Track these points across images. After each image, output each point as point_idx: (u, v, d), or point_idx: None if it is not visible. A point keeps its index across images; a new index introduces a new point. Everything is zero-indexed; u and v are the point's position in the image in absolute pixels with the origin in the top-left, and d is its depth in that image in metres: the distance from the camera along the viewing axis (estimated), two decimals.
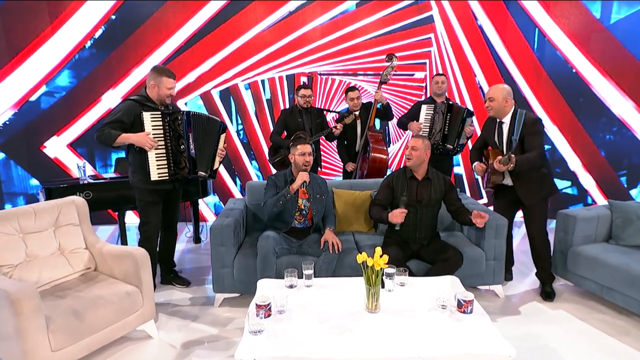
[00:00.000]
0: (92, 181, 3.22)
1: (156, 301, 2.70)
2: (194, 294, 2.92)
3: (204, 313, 2.65)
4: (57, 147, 4.64)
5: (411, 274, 2.34)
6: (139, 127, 2.56)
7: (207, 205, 4.96)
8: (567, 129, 4.79)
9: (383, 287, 2.06)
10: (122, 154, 4.47)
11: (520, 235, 4.19)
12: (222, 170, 4.91)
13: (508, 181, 2.74)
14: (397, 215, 2.44)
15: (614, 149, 4.76)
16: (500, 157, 2.55)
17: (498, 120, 2.73)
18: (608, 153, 4.78)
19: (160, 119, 2.58)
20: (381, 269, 1.80)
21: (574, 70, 4.66)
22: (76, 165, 3.33)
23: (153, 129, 2.57)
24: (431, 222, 2.65)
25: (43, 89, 4.52)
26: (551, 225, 3.10)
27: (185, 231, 4.17)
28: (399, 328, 1.74)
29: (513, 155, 2.43)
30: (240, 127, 4.92)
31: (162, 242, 2.94)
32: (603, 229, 2.81)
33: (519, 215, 2.96)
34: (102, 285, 2.20)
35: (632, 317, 2.53)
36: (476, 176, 4.93)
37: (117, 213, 3.36)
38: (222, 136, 2.77)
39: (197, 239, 4.06)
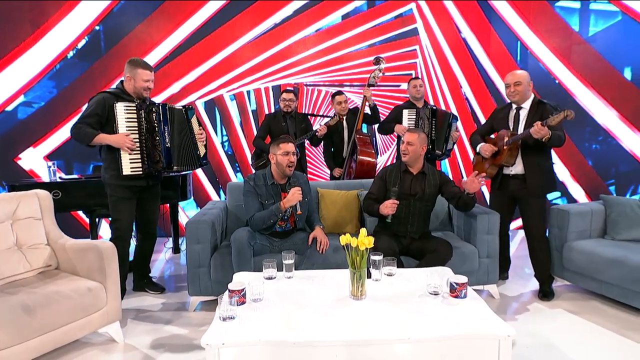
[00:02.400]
0: (61, 179, 3.05)
1: (126, 307, 2.49)
2: (168, 300, 2.70)
3: (177, 317, 2.43)
4: (32, 159, 4.46)
5: (400, 267, 2.18)
6: (112, 119, 2.44)
7: (187, 217, 4.75)
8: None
9: (369, 277, 1.90)
10: (100, 163, 4.36)
11: (517, 240, 4.07)
12: (206, 183, 4.76)
13: (517, 170, 2.65)
14: (388, 206, 2.34)
15: (600, 158, 4.76)
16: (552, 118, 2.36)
17: (515, 106, 2.68)
18: (595, 162, 4.77)
19: (135, 111, 2.46)
20: (366, 249, 1.65)
21: (557, 82, 4.72)
22: (45, 165, 3.16)
23: (127, 122, 2.44)
24: (423, 217, 2.52)
25: (21, 98, 4.40)
26: None
27: (166, 243, 3.97)
28: (386, 313, 1.57)
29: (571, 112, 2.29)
30: (225, 138, 4.82)
31: (138, 245, 2.75)
32: (598, 225, 2.71)
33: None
34: (61, 282, 2.00)
35: (634, 312, 2.41)
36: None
37: (89, 222, 3.17)
38: (193, 120, 2.64)
39: (176, 248, 3.85)
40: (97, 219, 3.19)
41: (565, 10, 4.57)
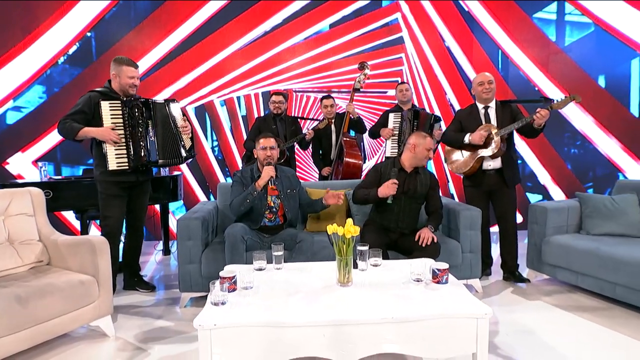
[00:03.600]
0: (52, 179, 3.08)
1: (116, 304, 2.51)
2: (158, 297, 2.73)
3: (168, 312, 2.46)
4: (21, 164, 4.46)
5: (386, 260, 2.26)
6: (98, 117, 2.50)
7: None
8: (534, 144, 4.96)
9: (356, 267, 1.97)
10: (90, 167, 4.38)
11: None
12: (196, 187, 4.80)
13: (495, 164, 2.84)
14: (389, 186, 2.38)
15: (579, 162, 4.94)
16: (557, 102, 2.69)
17: (482, 105, 2.91)
18: (574, 166, 4.95)
19: (120, 108, 2.52)
20: (352, 237, 1.73)
21: (536, 89, 4.91)
22: (38, 166, 3.18)
23: (112, 118, 2.50)
24: (413, 215, 2.61)
25: (10, 103, 4.41)
26: None
27: (156, 245, 3.99)
28: (371, 297, 1.65)
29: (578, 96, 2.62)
30: (216, 143, 4.88)
31: (126, 243, 2.78)
32: (574, 221, 2.85)
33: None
34: (53, 276, 2.03)
35: (607, 301, 2.54)
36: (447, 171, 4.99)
37: (79, 222, 3.19)
38: (176, 113, 2.68)
39: (166, 250, 3.87)
40: (87, 220, 3.19)
41: (542, 21, 4.79)
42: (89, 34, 4.51)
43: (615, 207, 2.71)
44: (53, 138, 4.48)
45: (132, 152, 2.52)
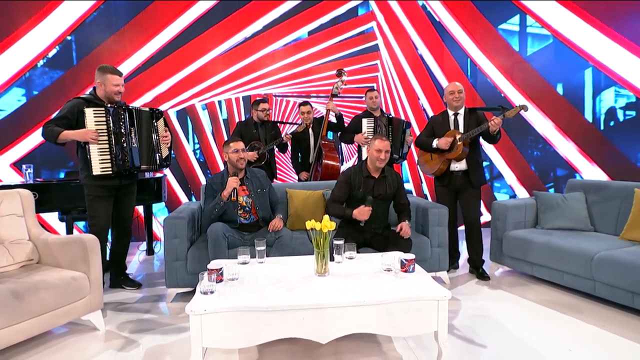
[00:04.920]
0: (37, 181, 3.14)
1: (105, 301, 2.59)
2: (145, 294, 2.84)
3: (156, 307, 2.59)
4: None
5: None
6: (83, 123, 2.59)
7: (159, 224, 4.85)
8: (501, 147, 5.29)
9: (332, 260, 2.16)
10: (71, 170, 4.41)
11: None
12: (178, 189, 4.89)
13: (461, 166, 3.08)
14: (365, 213, 2.55)
15: (541, 163, 5.29)
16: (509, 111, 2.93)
17: (452, 112, 3.15)
18: (537, 167, 5.30)
19: (104, 114, 2.61)
20: (329, 231, 1.91)
21: (502, 95, 5.24)
22: (23, 169, 3.23)
23: (96, 125, 2.59)
24: (384, 214, 2.81)
25: None
26: None
27: (139, 246, 4.07)
28: (346, 285, 1.84)
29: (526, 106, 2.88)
30: (197, 146, 4.99)
31: (114, 242, 2.87)
32: (531, 217, 3.13)
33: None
34: (45, 273, 2.13)
35: (558, 289, 2.82)
36: (420, 173, 5.27)
37: (65, 224, 3.26)
38: (160, 122, 2.81)
39: (150, 250, 3.96)
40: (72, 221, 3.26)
41: (507, 32, 5.13)
42: (69, 38, 4.55)
43: (566, 204, 3.01)
44: (32, 141, 4.49)
45: (114, 158, 2.61)
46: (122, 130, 2.63)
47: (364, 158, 3.79)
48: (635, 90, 4.41)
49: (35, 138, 4.50)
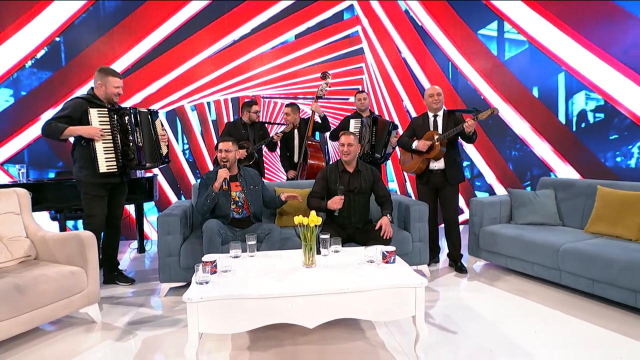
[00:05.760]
0: (31, 180, 3.21)
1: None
2: (138, 289, 2.94)
3: (150, 301, 2.69)
4: None
5: None
6: (86, 123, 2.69)
7: (150, 224, 4.93)
8: (481, 147, 5.52)
9: (319, 253, 2.31)
10: (60, 170, 4.46)
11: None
12: (167, 188, 4.97)
13: (440, 165, 3.25)
14: (337, 202, 2.76)
15: (519, 163, 5.54)
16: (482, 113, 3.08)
17: (432, 114, 3.34)
18: (515, 167, 5.55)
19: (107, 115, 2.73)
20: (315, 226, 2.06)
21: (482, 97, 5.47)
22: (16, 169, 3.29)
23: (100, 124, 2.70)
24: (364, 208, 2.97)
25: None
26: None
27: (130, 244, 4.15)
28: (332, 275, 1.98)
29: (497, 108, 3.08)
30: (186, 146, 5.08)
31: (105, 239, 2.96)
32: (505, 213, 3.34)
33: None
34: (44, 268, 2.22)
35: (528, 279, 3.04)
36: (405, 174, 5.46)
37: (58, 222, 3.33)
38: (157, 122, 2.95)
39: (141, 248, 4.04)
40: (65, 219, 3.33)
41: (485, 37, 5.36)
42: (58, 39, 4.59)
43: (537, 201, 3.22)
44: (20, 141, 4.52)
45: (120, 156, 2.74)
46: (129, 130, 2.73)
47: None
48: (603, 94, 4.68)
49: (23, 138, 4.53)
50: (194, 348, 1.72)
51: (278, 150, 4.22)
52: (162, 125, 2.99)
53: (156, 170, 4.78)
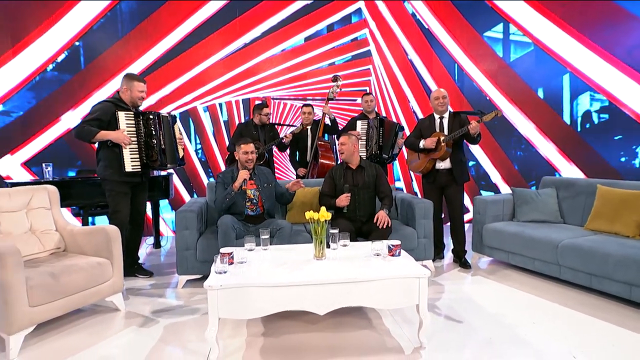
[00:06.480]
0: (56, 178, 3.41)
1: None
2: (157, 282, 3.11)
3: (169, 292, 2.86)
4: (10, 166, 4.67)
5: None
6: (114, 124, 2.89)
7: (164, 221, 5.11)
8: (487, 148, 5.62)
9: (328, 247, 2.45)
10: (81, 169, 4.66)
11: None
12: (180, 187, 5.15)
13: (446, 165, 3.37)
14: (343, 200, 2.99)
15: (524, 163, 5.62)
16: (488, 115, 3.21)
17: (438, 116, 3.45)
18: (520, 167, 5.63)
19: (133, 118, 2.92)
20: (325, 221, 2.20)
21: (487, 98, 5.56)
22: (43, 167, 3.48)
23: (127, 127, 2.89)
24: (369, 203, 3.13)
25: None
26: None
27: (146, 240, 4.34)
28: (341, 266, 2.13)
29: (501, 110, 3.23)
30: (199, 146, 5.25)
31: (128, 235, 3.14)
32: (508, 210, 3.45)
33: None
34: (74, 258, 2.39)
35: (529, 274, 3.15)
36: (411, 173, 5.59)
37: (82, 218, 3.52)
38: (176, 127, 3.15)
39: (157, 244, 4.21)
40: (88, 216, 3.52)
41: (491, 39, 5.46)
42: (77, 43, 4.79)
43: (539, 199, 3.33)
44: (41, 141, 4.73)
45: (144, 157, 2.94)
46: (153, 132, 2.92)
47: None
48: (607, 95, 4.75)
49: (44, 139, 4.74)
50: (214, 332, 1.88)
51: (287, 150, 4.37)
52: (180, 130, 3.17)
53: (171, 170, 4.97)
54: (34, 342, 2.11)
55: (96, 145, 2.99)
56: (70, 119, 4.75)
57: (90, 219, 4.70)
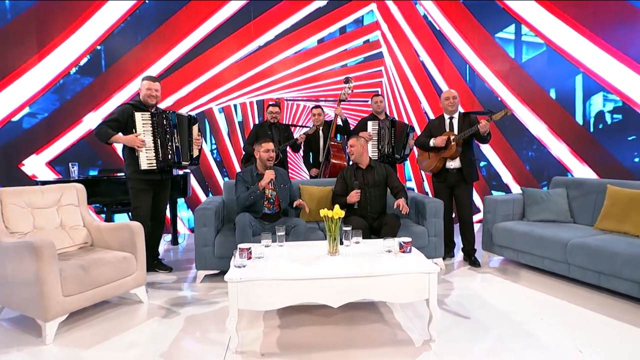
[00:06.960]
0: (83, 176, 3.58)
1: None
2: (176, 277, 3.25)
3: (188, 286, 3.00)
4: (35, 165, 4.88)
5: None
6: (131, 126, 3.03)
7: (181, 220, 5.26)
8: (498, 148, 5.64)
9: (342, 244, 2.54)
10: (103, 168, 4.85)
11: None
12: (196, 186, 5.30)
13: (456, 164, 3.44)
14: (354, 196, 3.12)
15: (535, 163, 5.63)
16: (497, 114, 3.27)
17: (448, 116, 3.52)
18: (531, 167, 5.64)
19: (149, 118, 3.05)
20: (339, 218, 2.30)
21: (499, 99, 5.59)
22: (69, 166, 3.66)
23: (143, 126, 3.03)
24: (380, 201, 3.24)
25: (26, 110, 4.83)
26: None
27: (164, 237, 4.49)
28: (354, 262, 2.22)
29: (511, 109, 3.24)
30: (214, 146, 5.40)
31: (150, 230, 3.28)
32: (518, 210, 3.50)
33: None
34: (101, 252, 2.54)
35: (539, 272, 3.21)
36: (422, 173, 5.64)
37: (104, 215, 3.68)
38: (194, 127, 3.27)
39: (174, 240, 4.36)
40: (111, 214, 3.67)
41: (503, 40, 5.48)
42: (99, 47, 4.97)
43: (549, 199, 3.37)
44: (65, 142, 4.93)
45: (160, 155, 3.05)
46: (168, 131, 3.05)
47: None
48: (621, 95, 4.75)
49: (67, 139, 4.93)
50: (234, 322, 1.99)
51: (301, 151, 4.48)
52: (199, 131, 3.29)
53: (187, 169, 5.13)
54: (66, 330, 2.26)
55: (116, 145, 3.14)
56: (92, 120, 4.94)
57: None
